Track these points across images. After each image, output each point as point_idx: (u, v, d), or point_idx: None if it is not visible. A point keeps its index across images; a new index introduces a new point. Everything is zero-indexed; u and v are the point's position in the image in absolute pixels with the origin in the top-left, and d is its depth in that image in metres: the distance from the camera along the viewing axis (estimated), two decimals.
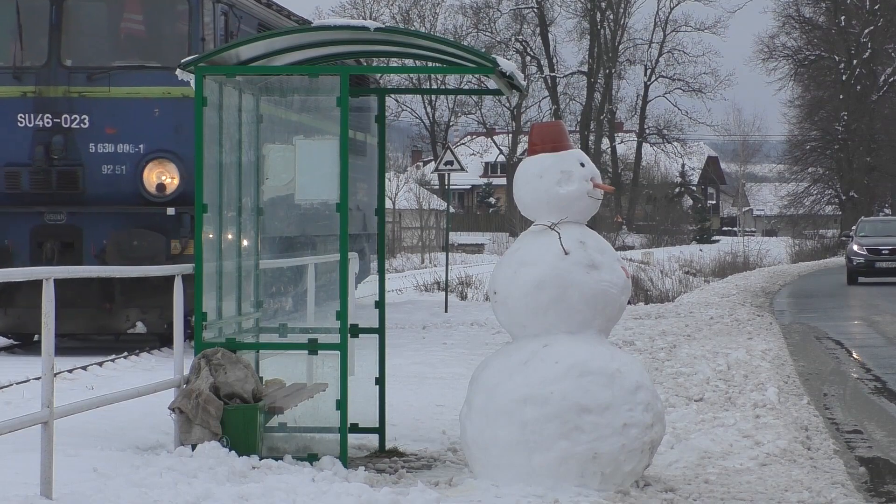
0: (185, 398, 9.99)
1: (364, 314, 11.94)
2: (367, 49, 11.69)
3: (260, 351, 11.14)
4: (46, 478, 8.35)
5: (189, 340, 11.09)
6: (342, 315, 10.23)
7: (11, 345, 19.65)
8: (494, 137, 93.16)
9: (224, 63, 10.66)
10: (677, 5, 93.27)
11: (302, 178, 10.63)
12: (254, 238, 11.35)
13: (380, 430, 11.17)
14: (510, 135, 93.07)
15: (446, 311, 28.05)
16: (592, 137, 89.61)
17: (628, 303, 11.51)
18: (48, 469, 8.36)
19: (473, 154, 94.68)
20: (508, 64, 10.29)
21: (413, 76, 37.33)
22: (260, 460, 9.81)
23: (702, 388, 15.19)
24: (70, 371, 15.88)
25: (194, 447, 9.81)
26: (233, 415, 9.98)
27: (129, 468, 9.30)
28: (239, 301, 11.15)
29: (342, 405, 10.16)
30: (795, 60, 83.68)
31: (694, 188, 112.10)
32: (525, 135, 76.72)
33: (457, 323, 25.05)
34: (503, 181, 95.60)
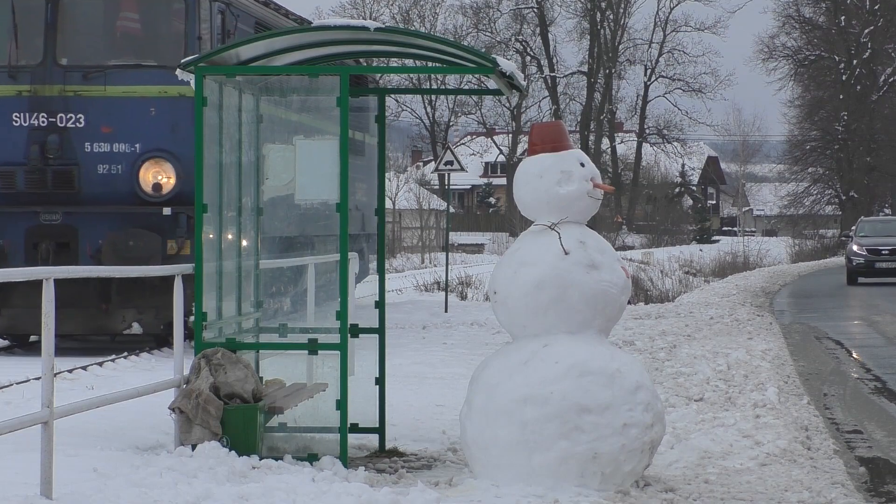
0: (185, 398, 9.99)
1: (364, 314, 11.93)
2: (367, 49, 11.68)
3: (260, 351, 11.14)
4: (46, 478, 8.35)
5: (189, 340, 11.08)
6: (342, 315, 10.24)
7: (7, 346, 19.55)
8: (494, 137, 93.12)
9: (224, 63, 10.66)
10: (677, 5, 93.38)
11: (302, 178, 10.63)
12: (254, 238, 11.34)
13: (380, 430, 11.16)
14: (510, 135, 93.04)
15: (446, 311, 28.03)
16: (592, 137, 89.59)
17: (628, 303, 11.51)
18: (48, 469, 8.35)
19: (473, 154, 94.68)
20: (508, 64, 10.29)
21: (413, 76, 37.32)
22: (260, 460, 9.81)
23: (702, 388, 15.19)
24: (70, 371, 15.86)
25: (194, 447, 9.81)
26: (233, 415, 9.98)
27: (129, 468, 9.29)
28: (239, 301, 11.15)
29: (342, 405, 10.17)
30: (795, 60, 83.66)
31: (694, 188, 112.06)
32: (525, 135, 76.69)
33: (457, 323, 25.03)
34: (503, 181, 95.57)
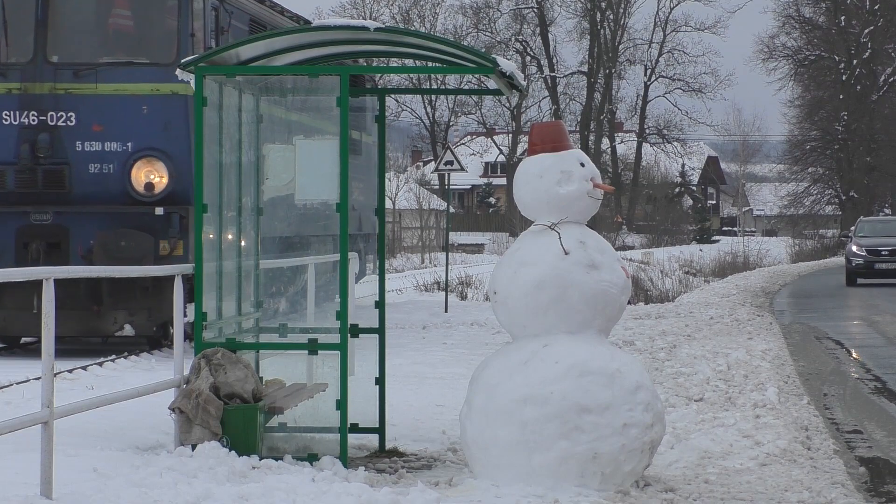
0: (185, 398, 9.99)
1: (364, 314, 11.93)
2: (367, 49, 11.68)
3: (260, 351, 11.14)
4: (46, 478, 8.34)
5: (189, 340, 11.07)
6: (342, 315, 10.23)
7: (2, 347, 19.33)
8: (494, 137, 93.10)
9: (224, 63, 10.66)
10: (677, 5, 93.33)
11: (302, 178, 10.62)
12: (253, 238, 11.34)
13: (380, 430, 11.16)
14: (510, 135, 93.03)
15: (446, 311, 28.03)
16: (592, 137, 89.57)
17: (628, 303, 11.50)
18: (48, 469, 8.35)
19: (473, 154, 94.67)
20: (508, 64, 10.29)
21: (413, 76, 37.29)
22: (260, 460, 9.81)
23: (702, 388, 15.19)
24: (70, 371, 15.85)
25: (194, 447, 9.81)
26: (233, 415, 9.97)
27: (129, 468, 9.29)
28: (239, 301, 11.15)
29: (342, 405, 10.16)
30: (795, 60, 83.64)
31: (694, 188, 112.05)
32: (525, 135, 76.68)
33: (457, 323, 25.03)
34: (503, 181, 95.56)
